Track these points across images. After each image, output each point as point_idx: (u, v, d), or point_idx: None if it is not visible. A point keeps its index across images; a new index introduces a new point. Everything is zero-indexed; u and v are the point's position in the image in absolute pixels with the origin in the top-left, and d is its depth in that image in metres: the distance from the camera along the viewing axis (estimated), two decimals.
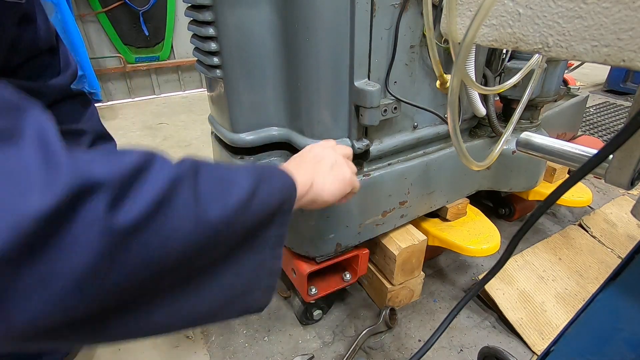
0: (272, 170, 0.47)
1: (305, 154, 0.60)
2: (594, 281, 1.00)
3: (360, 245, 0.83)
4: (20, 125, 0.27)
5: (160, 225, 0.30)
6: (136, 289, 0.31)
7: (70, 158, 0.27)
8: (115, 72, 2.53)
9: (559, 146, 0.42)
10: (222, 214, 0.36)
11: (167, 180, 0.32)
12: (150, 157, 0.33)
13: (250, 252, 0.42)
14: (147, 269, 0.30)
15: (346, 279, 0.84)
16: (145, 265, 0.30)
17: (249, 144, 0.78)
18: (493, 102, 0.89)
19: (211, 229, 0.35)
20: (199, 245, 0.34)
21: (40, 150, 0.26)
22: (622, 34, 0.26)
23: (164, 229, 0.31)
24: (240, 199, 0.38)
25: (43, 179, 0.25)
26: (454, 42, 0.38)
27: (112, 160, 0.30)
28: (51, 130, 0.29)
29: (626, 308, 0.38)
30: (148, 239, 0.29)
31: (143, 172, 0.31)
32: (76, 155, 0.28)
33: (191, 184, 0.35)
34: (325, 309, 0.92)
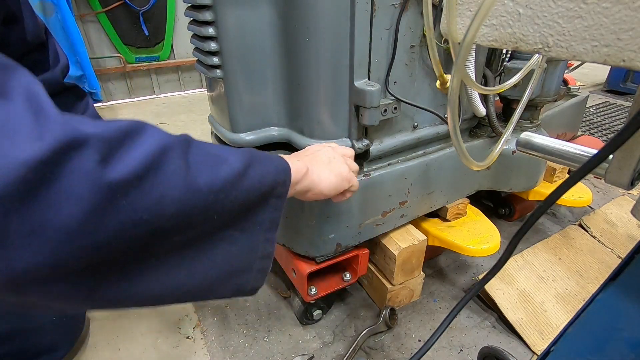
0: (265, 154, 0.47)
1: (302, 151, 0.61)
2: (594, 281, 1.00)
3: (360, 245, 0.83)
4: (9, 83, 0.27)
5: (149, 186, 0.31)
6: (127, 249, 0.31)
7: (61, 114, 0.28)
8: (115, 72, 2.53)
9: (559, 146, 0.42)
10: (211, 184, 0.36)
11: (158, 145, 0.33)
12: (142, 125, 0.34)
13: (243, 232, 0.43)
14: (137, 229, 0.30)
15: (346, 279, 0.84)
16: (134, 225, 0.30)
17: (249, 144, 0.78)
18: (493, 102, 0.89)
19: (200, 198, 0.35)
20: (188, 213, 0.34)
21: (30, 104, 0.27)
22: (622, 34, 0.26)
23: (153, 191, 0.31)
24: (231, 173, 0.39)
25: (33, 129, 0.25)
26: (454, 42, 0.38)
27: (103, 123, 0.30)
28: (40, 89, 0.29)
29: (626, 308, 0.38)
30: (137, 198, 0.30)
31: (134, 134, 0.32)
32: (66, 114, 0.28)
33: (182, 154, 0.35)
34: (325, 309, 0.92)
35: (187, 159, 0.35)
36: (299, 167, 0.53)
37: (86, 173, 0.27)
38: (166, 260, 0.36)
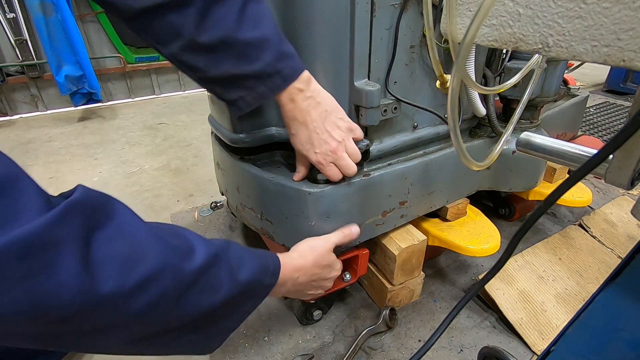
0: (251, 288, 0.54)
1: (307, 273, 0.66)
2: (594, 281, 1.00)
3: (360, 245, 0.83)
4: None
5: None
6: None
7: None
8: (115, 72, 2.53)
9: (559, 146, 0.42)
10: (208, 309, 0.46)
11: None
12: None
13: (221, 321, 0.51)
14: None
15: (346, 279, 0.84)
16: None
17: (248, 144, 0.78)
18: (493, 102, 0.89)
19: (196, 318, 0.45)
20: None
21: None
22: (622, 34, 0.26)
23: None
24: (221, 299, 0.47)
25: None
26: (454, 42, 0.38)
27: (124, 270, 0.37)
28: None
29: (626, 308, 0.38)
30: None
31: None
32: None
33: (179, 293, 0.42)
34: (325, 309, 0.92)
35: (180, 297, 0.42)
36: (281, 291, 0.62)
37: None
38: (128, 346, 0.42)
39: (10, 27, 2.10)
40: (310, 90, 0.62)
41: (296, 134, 0.65)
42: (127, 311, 0.37)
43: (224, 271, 0.47)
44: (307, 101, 0.62)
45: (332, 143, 0.64)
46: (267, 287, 0.56)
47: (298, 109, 0.62)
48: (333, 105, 0.65)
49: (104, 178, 1.61)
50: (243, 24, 0.54)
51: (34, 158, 1.81)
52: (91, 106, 2.40)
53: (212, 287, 0.45)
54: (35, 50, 2.20)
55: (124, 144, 1.95)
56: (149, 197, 1.46)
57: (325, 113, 0.64)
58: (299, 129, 0.64)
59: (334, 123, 0.65)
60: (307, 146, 0.65)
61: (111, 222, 0.38)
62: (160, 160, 1.77)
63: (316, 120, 0.63)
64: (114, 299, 0.35)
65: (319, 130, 0.63)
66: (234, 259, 0.50)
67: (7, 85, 2.26)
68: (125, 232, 0.39)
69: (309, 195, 0.70)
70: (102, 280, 0.35)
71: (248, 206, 0.83)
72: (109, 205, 0.40)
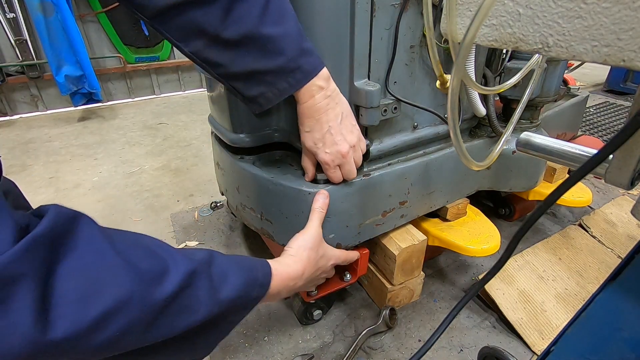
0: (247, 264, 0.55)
1: (302, 274, 0.65)
2: (594, 281, 1.00)
3: (360, 244, 0.83)
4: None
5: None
6: None
7: None
8: (115, 72, 2.53)
9: (559, 146, 0.42)
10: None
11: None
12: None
13: (204, 335, 0.50)
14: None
15: (346, 279, 0.84)
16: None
17: (248, 144, 0.78)
18: (493, 102, 0.89)
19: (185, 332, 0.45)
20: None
21: None
22: (622, 34, 0.26)
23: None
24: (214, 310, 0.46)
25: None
26: (454, 42, 0.38)
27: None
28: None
29: (626, 308, 0.38)
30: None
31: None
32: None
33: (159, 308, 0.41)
34: (325, 309, 0.92)
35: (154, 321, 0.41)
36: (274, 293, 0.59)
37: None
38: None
39: (10, 27, 2.10)
40: (330, 89, 0.62)
41: (310, 131, 0.65)
42: (87, 348, 0.35)
43: (203, 290, 0.45)
44: (326, 100, 0.62)
45: (345, 146, 0.64)
46: (255, 299, 0.54)
47: (316, 107, 0.62)
48: (349, 110, 0.66)
49: (104, 178, 1.61)
50: (266, 19, 0.54)
51: (34, 158, 1.81)
52: (91, 106, 2.40)
53: (188, 308, 0.43)
54: (35, 50, 2.20)
55: (124, 144, 1.95)
56: (149, 197, 1.46)
57: (342, 115, 0.64)
58: (314, 127, 0.64)
59: (349, 127, 0.65)
60: (319, 144, 0.65)
61: (73, 252, 0.36)
62: (160, 160, 1.77)
63: (332, 121, 0.63)
64: (70, 340, 0.34)
65: (334, 131, 0.63)
66: (216, 275, 0.48)
67: (7, 85, 2.26)
68: (87, 263, 0.37)
69: (309, 195, 0.70)
70: (56, 324, 0.33)
71: (248, 206, 0.83)
72: (74, 231, 0.38)
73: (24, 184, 1.57)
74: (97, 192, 1.49)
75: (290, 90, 0.60)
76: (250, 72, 0.58)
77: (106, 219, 1.31)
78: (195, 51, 0.57)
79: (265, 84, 0.60)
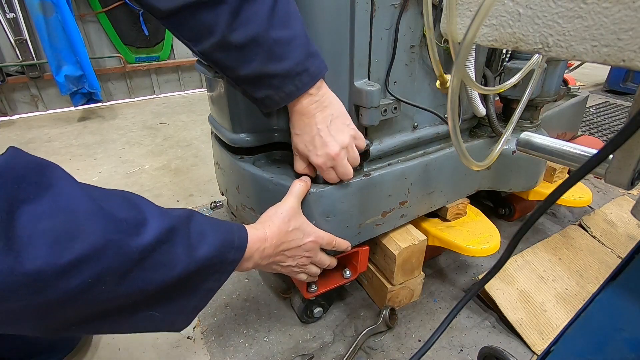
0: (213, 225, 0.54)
1: (285, 240, 0.64)
2: (594, 281, 1.00)
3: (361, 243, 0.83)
4: None
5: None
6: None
7: None
8: (115, 72, 2.53)
9: (559, 146, 0.42)
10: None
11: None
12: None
13: (180, 298, 0.49)
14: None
15: (346, 275, 0.84)
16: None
17: (249, 144, 0.78)
18: (493, 102, 0.89)
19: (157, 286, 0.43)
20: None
21: None
22: (622, 34, 0.26)
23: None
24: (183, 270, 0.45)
25: None
26: (454, 42, 0.38)
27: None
28: None
29: (626, 308, 0.38)
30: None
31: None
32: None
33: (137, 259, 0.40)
34: (325, 307, 0.92)
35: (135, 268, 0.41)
36: (256, 259, 0.59)
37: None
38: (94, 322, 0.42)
39: (10, 27, 2.10)
40: (320, 94, 0.63)
41: (300, 134, 0.65)
42: (61, 290, 0.35)
43: (180, 247, 0.45)
44: (315, 104, 0.62)
45: (335, 148, 0.64)
46: (231, 263, 0.53)
47: (304, 110, 0.62)
48: (341, 110, 0.65)
49: (104, 178, 1.61)
50: (274, 22, 0.55)
51: None
52: (91, 106, 2.40)
53: (164, 263, 0.43)
54: (35, 50, 2.20)
55: (124, 144, 1.95)
56: (149, 197, 1.44)
57: (332, 117, 0.64)
58: (304, 130, 0.64)
59: (340, 128, 0.65)
60: (309, 147, 0.65)
61: (44, 195, 0.35)
62: (160, 160, 1.77)
63: (321, 123, 0.63)
64: (44, 277, 0.33)
65: (323, 133, 0.63)
66: (194, 233, 0.48)
67: (7, 85, 2.26)
68: (61, 207, 0.36)
69: (309, 195, 0.70)
70: (29, 258, 0.32)
71: (248, 206, 0.83)
72: (45, 175, 0.37)
73: None
74: None
75: (297, 93, 0.60)
76: (258, 76, 0.59)
77: None
78: (203, 51, 0.58)
79: (272, 88, 0.60)
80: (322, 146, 0.64)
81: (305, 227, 0.68)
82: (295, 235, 0.65)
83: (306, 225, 0.68)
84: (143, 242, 0.40)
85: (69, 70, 2.03)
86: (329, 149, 0.64)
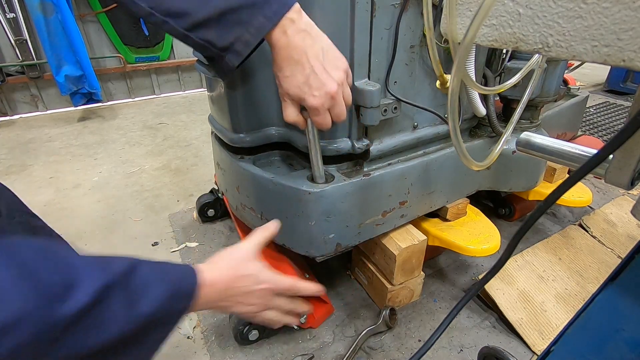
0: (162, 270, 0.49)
1: (236, 279, 0.58)
2: (594, 281, 1.00)
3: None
4: None
5: None
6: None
7: None
8: (115, 72, 2.53)
9: (559, 146, 0.42)
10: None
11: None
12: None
13: (123, 356, 0.45)
14: None
15: (301, 319, 0.83)
16: None
17: (248, 144, 0.78)
18: (493, 102, 0.89)
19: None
20: None
21: None
22: (622, 34, 0.26)
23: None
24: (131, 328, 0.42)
25: None
26: (454, 42, 0.38)
27: None
28: None
29: (626, 308, 0.38)
30: None
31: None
32: None
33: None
34: (262, 330, 0.85)
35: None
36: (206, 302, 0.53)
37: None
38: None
39: (10, 27, 2.10)
40: (304, 22, 0.55)
41: (291, 76, 0.57)
42: None
43: (117, 305, 0.41)
44: (300, 34, 0.55)
45: (333, 85, 0.57)
46: (180, 313, 0.49)
47: (292, 45, 0.55)
48: (329, 43, 0.59)
49: (104, 178, 1.61)
50: None
51: (34, 158, 1.81)
52: (91, 106, 2.40)
53: (98, 326, 0.39)
54: (35, 50, 2.20)
55: (124, 144, 1.95)
56: (149, 197, 1.46)
57: (323, 51, 0.57)
58: (295, 70, 0.56)
59: (334, 63, 0.58)
60: (304, 89, 0.57)
61: None
62: (160, 160, 1.77)
63: (314, 59, 0.56)
64: None
65: (318, 70, 0.56)
66: (136, 286, 0.44)
67: (7, 85, 2.26)
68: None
69: (309, 195, 0.70)
70: None
71: (248, 206, 0.83)
72: None
73: (24, 184, 1.57)
74: (97, 192, 1.49)
75: (267, 26, 0.53)
76: (222, 13, 0.52)
77: (106, 219, 1.31)
78: (154, 5, 0.51)
79: (240, 25, 0.53)
80: (320, 86, 0.57)
81: (258, 274, 0.61)
82: (245, 281, 0.59)
83: (260, 272, 0.61)
84: (70, 307, 0.37)
85: (69, 70, 2.03)
86: (328, 88, 0.57)
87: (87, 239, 1.22)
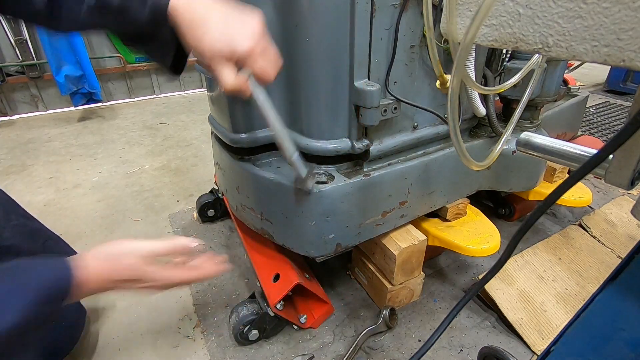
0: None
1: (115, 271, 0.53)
2: (594, 281, 1.00)
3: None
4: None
5: None
6: None
7: None
8: (115, 72, 2.53)
9: (559, 146, 0.42)
10: None
11: None
12: None
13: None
14: None
15: (301, 320, 0.86)
16: None
17: (248, 144, 0.78)
18: (493, 102, 0.89)
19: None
20: None
21: None
22: (622, 34, 0.26)
23: None
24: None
25: None
26: (454, 42, 0.38)
27: None
28: None
29: (626, 308, 0.38)
30: None
31: None
32: None
33: None
34: (264, 331, 0.85)
35: None
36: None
37: None
38: None
39: (10, 27, 2.10)
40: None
41: (207, 30, 0.49)
42: None
43: None
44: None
45: (258, 22, 0.51)
46: (53, 313, 0.47)
47: (193, 5, 0.50)
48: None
49: (104, 178, 1.61)
50: None
51: (34, 158, 1.81)
52: (91, 106, 2.40)
53: None
54: (35, 50, 2.20)
55: (124, 144, 1.95)
56: (149, 197, 1.46)
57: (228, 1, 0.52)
58: (209, 23, 0.49)
59: (245, 10, 0.52)
60: (228, 36, 0.50)
61: None
62: (160, 160, 1.77)
63: (221, 7, 0.51)
64: None
65: (236, 12, 0.51)
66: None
67: (7, 85, 2.26)
68: None
69: (309, 195, 0.70)
70: None
71: (248, 206, 0.83)
72: None
73: (24, 184, 1.57)
74: (97, 192, 1.49)
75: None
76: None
77: (106, 219, 1.31)
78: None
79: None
80: (244, 25, 0.50)
81: (144, 276, 0.55)
82: (128, 285, 0.55)
83: (145, 275, 0.55)
84: None
85: (69, 70, 2.03)
86: (253, 25, 0.51)
87: (87, 239, 1.22)
